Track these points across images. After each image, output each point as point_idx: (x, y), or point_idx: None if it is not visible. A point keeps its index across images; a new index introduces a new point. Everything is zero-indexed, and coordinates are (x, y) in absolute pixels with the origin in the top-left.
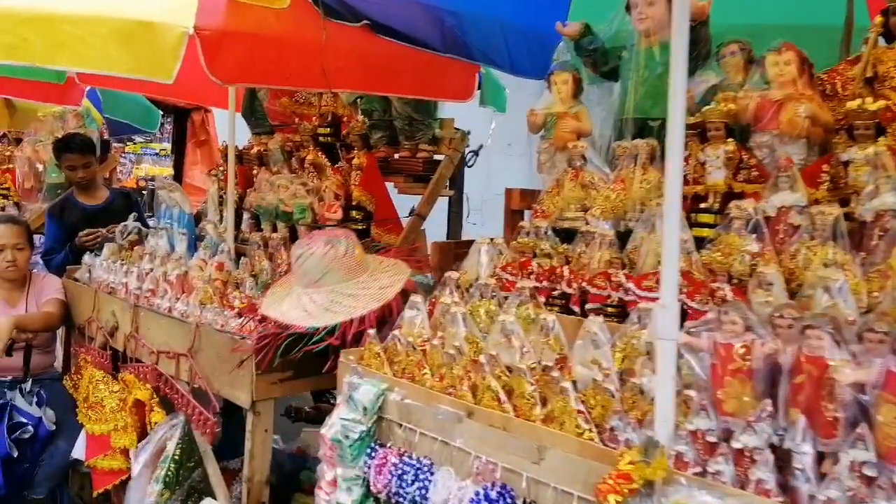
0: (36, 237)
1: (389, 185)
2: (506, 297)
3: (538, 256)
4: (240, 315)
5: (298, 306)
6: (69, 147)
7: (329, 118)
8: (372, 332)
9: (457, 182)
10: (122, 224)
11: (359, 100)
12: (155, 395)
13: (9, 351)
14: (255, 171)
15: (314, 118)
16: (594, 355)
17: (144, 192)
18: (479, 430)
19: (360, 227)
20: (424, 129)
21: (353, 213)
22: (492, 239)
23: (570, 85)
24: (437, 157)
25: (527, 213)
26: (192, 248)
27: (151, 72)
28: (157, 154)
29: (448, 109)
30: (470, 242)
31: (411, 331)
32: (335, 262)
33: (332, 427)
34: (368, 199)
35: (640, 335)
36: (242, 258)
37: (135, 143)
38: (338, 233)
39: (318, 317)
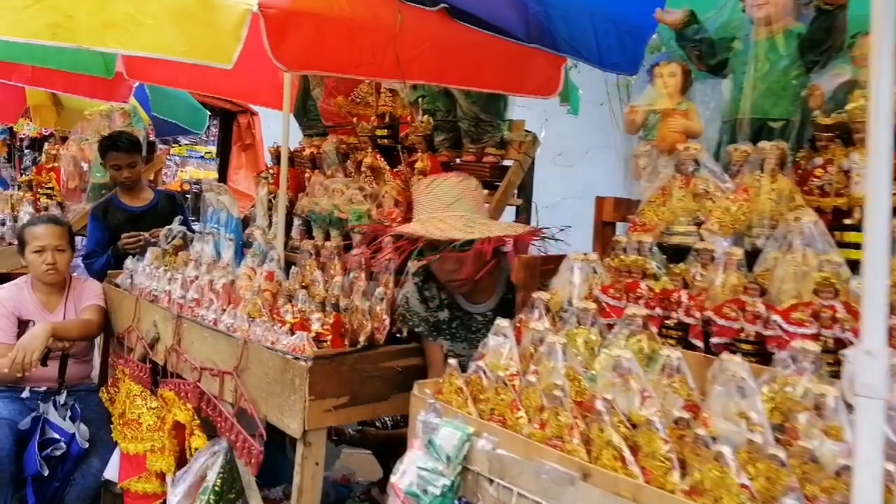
0: (78, 239)
1: None
2: (609, 326)
3: (645, 277)
4: (292, 332)
5: (429, 225)
6: (115, 145)
7: (387, 119)
8: (454, 362)
9: (526, 190)
10: (167, 227)
11: (420, 99)
12: (196, 417)
13: (44, 360)
14: (307, 175)
15: (371, 118)
16: (741, 406)
17: (188, 195)
18: (598, 498)
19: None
20: (492, 131)
21: None
22: (585, 254)
23: (679, 78)
24: (505, 161)
25: (617, 226)
26: (240, 254)
27: (209, 55)
28: (202, 157)
29: (518, 111)
30: (557, 258)
31: (498, 361)
32: (467, 192)
33: (405, 476)
34: None
35: (795, 381)
36: (293, 268)
37: (180, 146)
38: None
39: (454, 233)
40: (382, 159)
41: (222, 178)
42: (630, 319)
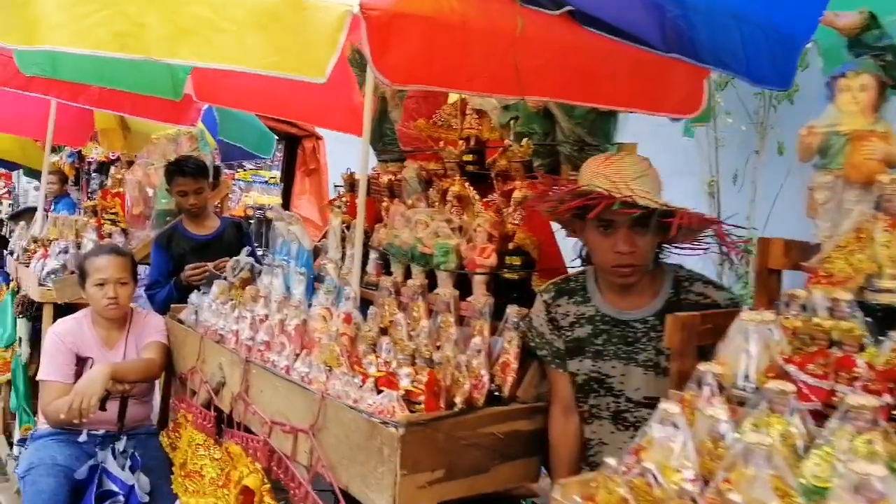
0: (141, 268)
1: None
2: (813, 414)
3: (861, 350)
4: (378, 390)
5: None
6: (182, 170)
7: (472, 143)
8: (612, 462)
9: None
10: (234, 259)
11: (513, 121)
12: (266, 481)
13: (102, 404)
14: (384, 204)
15: (455, 143)
16: None
17: (251, 220)
18: None
19: (516, 277)
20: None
21: (510, 258)
22: (760, 314)
23: (872, 92)
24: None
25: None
26: (310, 290)
27: (300, 67)
28: (266, 182)
29: (629, 131)
30: (716, 316)
31: (668, 461)
32: (650, 172)
33: None
34: (533, 242)
35: None
36: (371, 308)
37: (245, 170)
38: None
39: (650, 203)
40: (472, 188)
41: (286, 203)
42: (856, 412)
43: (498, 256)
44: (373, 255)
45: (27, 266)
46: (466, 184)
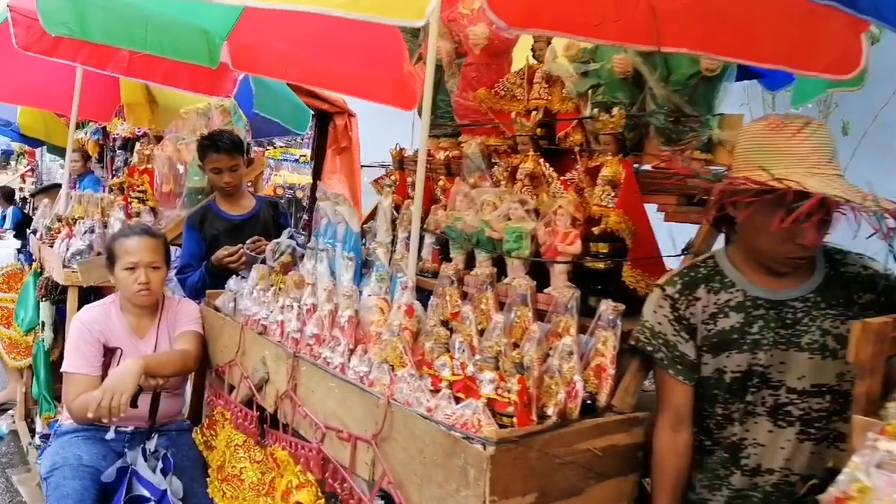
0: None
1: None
2: None
3: None
4: (456, 398)
5: (820, 183)
6: (216, 146)
7: (540, 115)
8: None
9: None
10: (274, 242)
11: (591, 91)
12: (320, 494)
13: (133, 400)
14: (440, 183)
15: (522, 114)
16: None
17: (281, 200)
18: None
19: (602, 268)
20: (699, 129)
21: (595, 245)
22: None
23: None
24: (712, 168)
25: None
26: (358, 276)
27: (396, 9)
28: (296, 160)
29: (732, 100)
30: None
31: None
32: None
33: None
34: (628, 227)
35: None
36: (432, 300)
37: (275, 148)
38: None
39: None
40: (548, 165)
41: (316, 182)
42: None
43: (583, 243)
44: (428, 240)
45: (51, 246)
46: (541, 160)
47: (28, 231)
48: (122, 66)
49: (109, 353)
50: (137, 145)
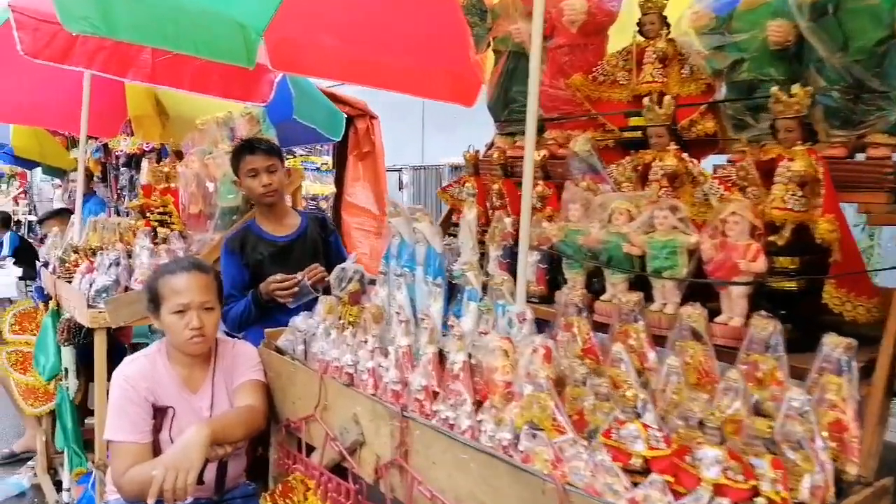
0: None
1: None
2: None
3: None
4: (679, 491)
5: None
6: (251, 147)
7: (657, 101)
8: None
9: None
10: (339, 268)
11: (737, 64)
12: None
13: (200, 476)
14: (538, 189)
15: (621, 103)
16: None
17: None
18: None
19: (794, 288)
20: (887, 108)
21: (781, 260)
22: None
23: None
24: None
25: None
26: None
27: None
28: (317, 169)
29: None
30: None
31: None
32: None
33: None
34: (837, 236)
35: None
36: (559, 334)
37: (295, 157)
38: None
39: None
40: (694, 161)
41: (340, 192)
42: None
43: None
44: (531, 258)
45: (69, 282)
46: (685, 155)
47: (38, 264)
48: (146, 72)
49: (159, 414)
50: (144, 162)
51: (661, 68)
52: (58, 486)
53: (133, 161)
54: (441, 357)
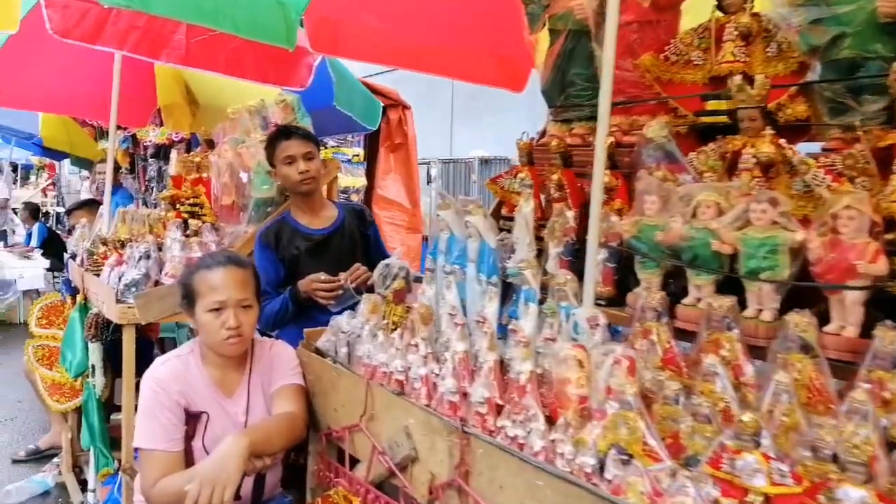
0: None
1: None
2: None
3: None
4: None
5: None
6: (287, 133)
7: (738, 81)
8: None
9: None
10: (383, 264)
11: (827, 46)
12: None
13: (237, 489)
14: (553, 177)
15: (696, 86)
16: None
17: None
18: None
19: None
20: None
21: None
22: None
23: None
24: None
25: None
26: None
27: None
28: (349, 161)
29: None
30: None
31: None
32: None
33: None
34: None
35: None
36: (637, 342)
37: (326, 148)
38: None
39: None
40: (793, 148)
41: (371, 184)
42: None
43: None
44: (599, 255)
45: (97, 275)
46: (781, 142)
47: (66, 256)
48: (179, 54)
49: (192, 420)
50: (173, 153)
51: (743, 46)
52: (83, 485)
53: (161, 152)
54: (501, 365)
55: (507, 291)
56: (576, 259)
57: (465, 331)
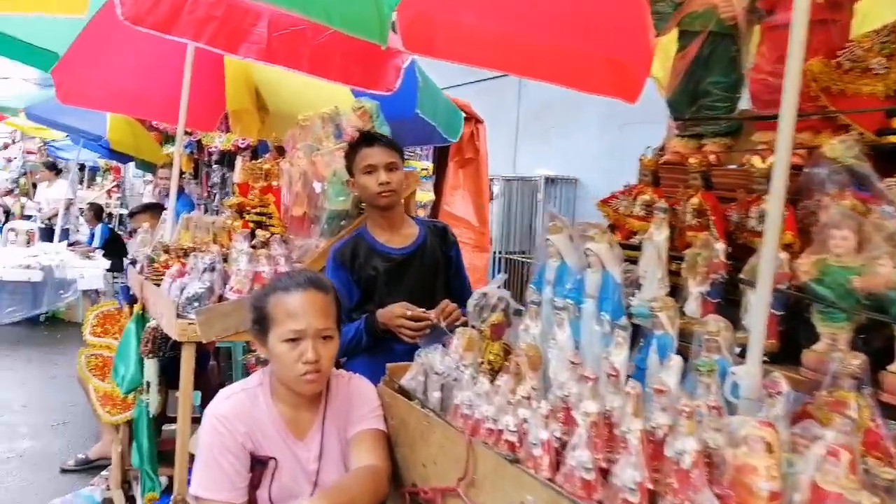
0: None
1: None
2: None
3: None
4: None
5: None
6: (370, 140)
7: None
8: None
9: None
10: (479, 293)
11: None
12: None
13: None
14: (692, 199)
15: (882, 96)
16: None
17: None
18: None
19: None
20: None
21: None
22: None
23: None
24: None
25: None
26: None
27: None
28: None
29: None
30: None
31: None
32: None
33: None
34: None
35: None
36: (835, 419)
37: None
38: None
39: None
40: None
41: (438, 199)
42: None
43: None
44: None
45: (157, 284)
46: None
47: (126, 261)
48: (260, 49)
49: (258, 465)
50: (239, 159)
51: None
52: (130, 501)
53: (226, 159)
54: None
55: (635, 335)
56: (726, 302)
57: (596, 388)
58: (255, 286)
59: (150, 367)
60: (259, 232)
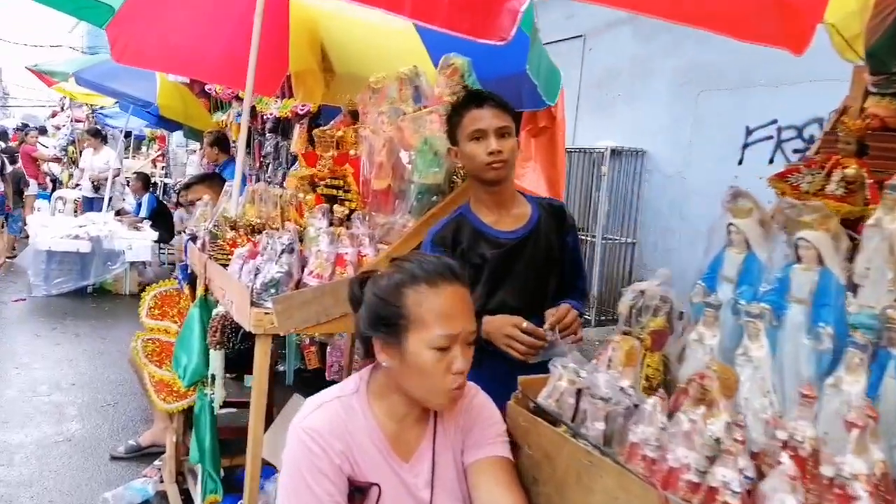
0: None
1: None
2: None
3: None
4: None
5: None
6: (479, 99)
7: None
8: None
9: None
10: (630, 290)
11: None
12: None
13: None
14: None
15: None
16: None
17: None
18: None
19: None
20: None
21: None
22: None
23: None
24: None
25: None
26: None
27: None
28: None
29: None
30: None
31: None
32: None
33: None
34: None
35: None
36: None
37: None
38: None
39: None
40: None
41: None
42: None
43: None
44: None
45: (222, 265)
46: None
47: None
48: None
49: (358, 494)
50: (297, 127)
51: None
52: (185, 494)
53: (280, 126)
54: None
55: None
56: None
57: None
58: (338, 270)
59: (216, 359)
60: (336, 208)
